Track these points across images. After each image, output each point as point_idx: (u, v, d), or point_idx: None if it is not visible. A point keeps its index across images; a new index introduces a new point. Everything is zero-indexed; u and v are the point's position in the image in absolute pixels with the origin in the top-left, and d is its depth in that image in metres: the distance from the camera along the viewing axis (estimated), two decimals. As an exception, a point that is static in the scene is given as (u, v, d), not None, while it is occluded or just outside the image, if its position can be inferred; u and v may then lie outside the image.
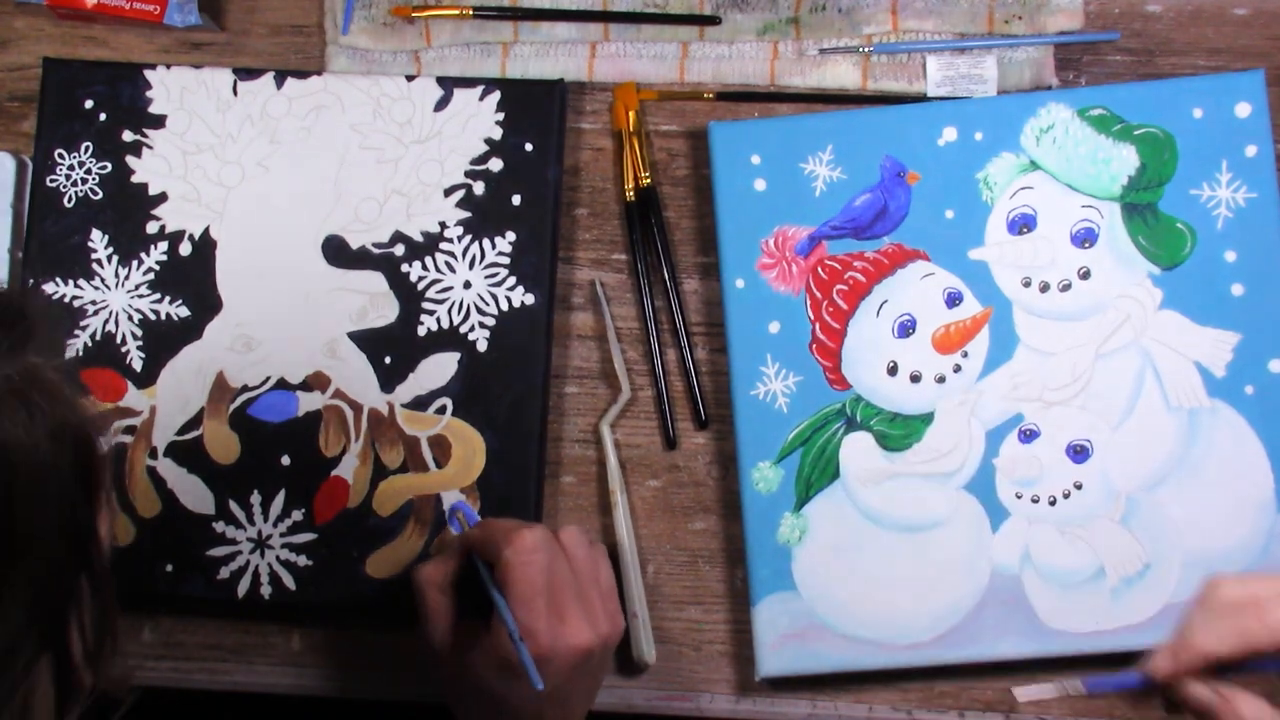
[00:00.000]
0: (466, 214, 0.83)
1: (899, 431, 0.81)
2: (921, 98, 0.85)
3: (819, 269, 0.82)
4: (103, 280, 0.84)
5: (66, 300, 0.84)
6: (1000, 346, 0.81)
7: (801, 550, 0.80)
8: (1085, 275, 0.81)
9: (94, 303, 0.84)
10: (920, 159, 0.82)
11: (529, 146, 0.84)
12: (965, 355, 0.81)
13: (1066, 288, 0.81)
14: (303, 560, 0.82)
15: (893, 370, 0.81)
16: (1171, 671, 0.65)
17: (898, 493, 0.80)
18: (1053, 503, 0.80)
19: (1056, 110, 0.82)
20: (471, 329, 0.83)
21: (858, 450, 0.81)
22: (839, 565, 0.80)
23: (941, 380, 0.81)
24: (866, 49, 0.86)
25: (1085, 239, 0.81)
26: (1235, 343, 0.80)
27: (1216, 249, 0.80)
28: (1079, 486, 0.79)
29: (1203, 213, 0.80)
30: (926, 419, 0.81)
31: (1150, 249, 0.81)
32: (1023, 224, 0.81)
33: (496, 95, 0.84)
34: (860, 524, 0.80)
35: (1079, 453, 0.80)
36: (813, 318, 0.81)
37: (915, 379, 0.81)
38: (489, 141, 0.84)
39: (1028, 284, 0.81)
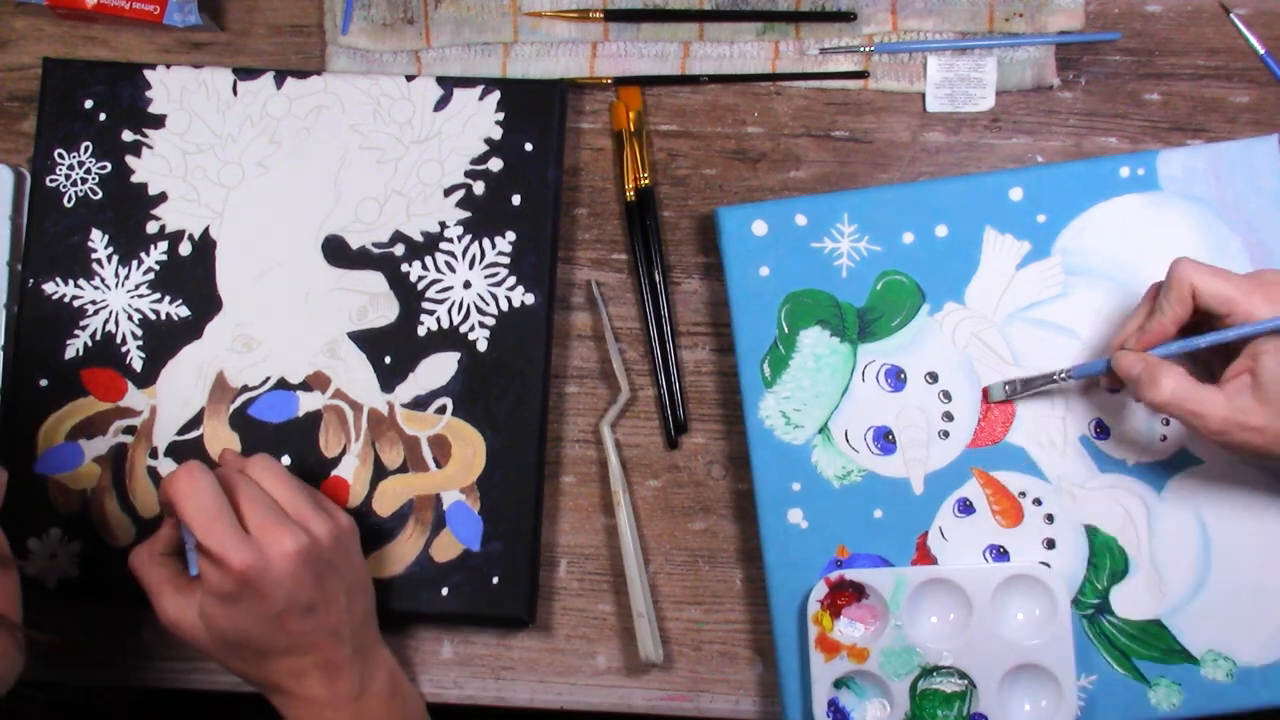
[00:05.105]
0: (466, 214, 0.83)
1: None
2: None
3: None
4: (103, 280, 0.84)
5: (66, 300, 0.84)
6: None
7: None
8: None
9: (94, 303, 0.84)
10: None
11: (529, 146, 0.84)
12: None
13: None
14: (303, 560, 0.82)
15: None
16: (1139, 347, 0.73)
17: None
18: None
19: None
20: (471, 329, 0.83)
21: None
22: None
23: None
24: (867, 49, 0.86)
25: None
26: None
27: None
28: None
29: None
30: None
31: None
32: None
33: (496, 95, 0.84)
34: None
35: None
36: None
37: None
38: (489, 141, 0.84)
39: None
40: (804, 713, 0.79)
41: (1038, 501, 0.80)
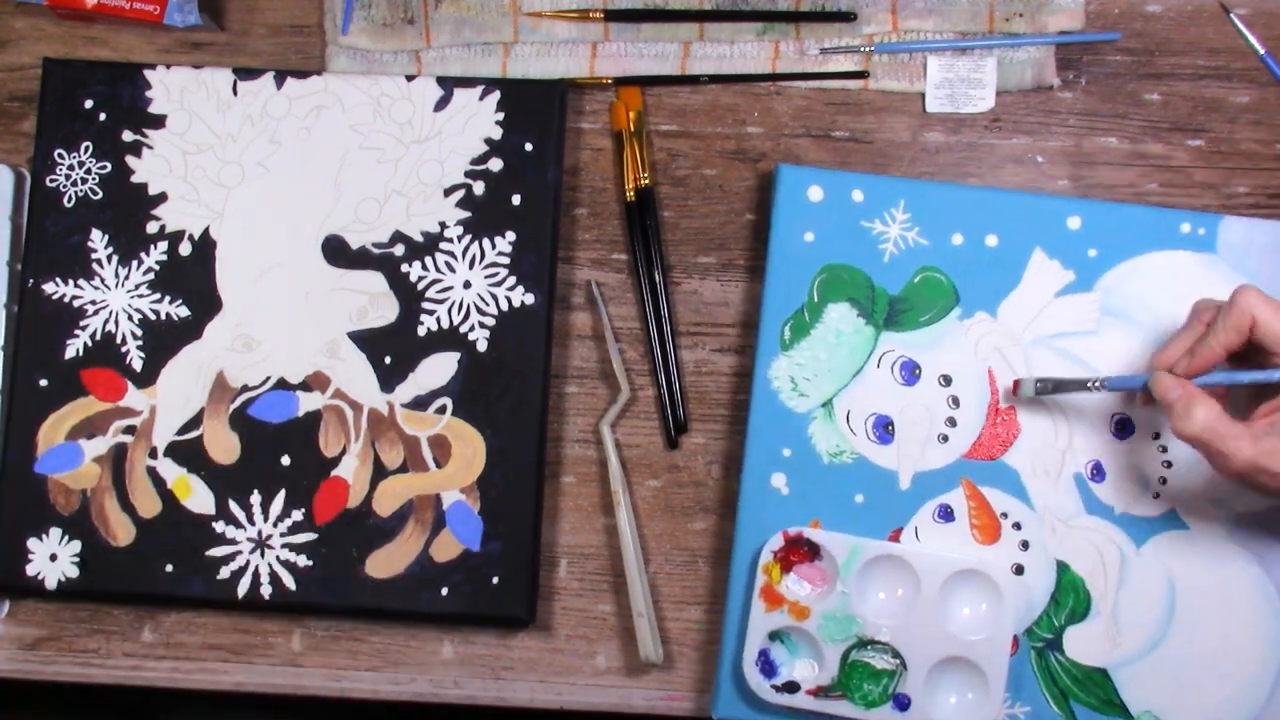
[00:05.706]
0: (466, 214, 0.83)
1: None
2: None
3: None
4: (103, 280, 0.84)
5: (66, 300, 0.84)
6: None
7: None
8: None
9: (94, 303, 0.84)
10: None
11: (529, 146, 0.84)
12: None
13: None
14: (303, 560, 0.82)
15: None
16: (1185, 372, 0.72)
17: None
18: None
19: None
20: (471, 329, 0.83)
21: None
22: None
23: None
24: (867, 49, 0.86)
25: None
26: None
27: None
28: None
29: None
30: None
31: None
32: None
33: (496, 95, 0.84)
34: None
35: None
36: None
37: None
38: (489, 141, 0.84)
39: None
40: (734, 661, 0.80)
41: (1018, 526, 0.80)
